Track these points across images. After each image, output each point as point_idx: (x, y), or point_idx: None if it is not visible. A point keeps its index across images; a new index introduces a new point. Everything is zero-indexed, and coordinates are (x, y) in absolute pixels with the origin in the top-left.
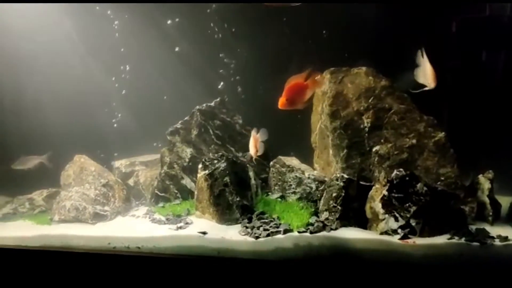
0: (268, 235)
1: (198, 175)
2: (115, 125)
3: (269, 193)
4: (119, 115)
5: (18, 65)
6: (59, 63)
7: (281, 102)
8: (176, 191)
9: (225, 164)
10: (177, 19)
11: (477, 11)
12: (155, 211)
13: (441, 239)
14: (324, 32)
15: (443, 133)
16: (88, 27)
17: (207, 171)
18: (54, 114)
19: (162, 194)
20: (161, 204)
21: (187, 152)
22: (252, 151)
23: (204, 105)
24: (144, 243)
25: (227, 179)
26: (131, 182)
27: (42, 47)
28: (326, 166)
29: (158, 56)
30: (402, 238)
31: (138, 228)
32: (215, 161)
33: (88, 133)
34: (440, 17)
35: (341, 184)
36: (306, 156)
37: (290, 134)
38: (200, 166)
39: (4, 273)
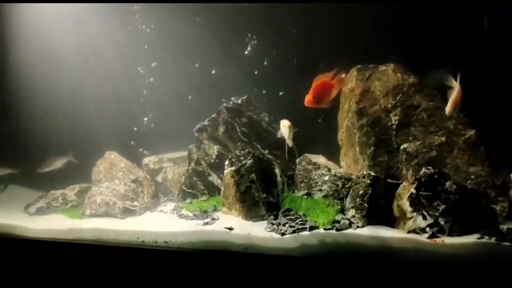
0: (294, 231)
1: (225, 172)
2: (144, 122)
3: (295, 190)
4: (148, 116)
5: (52, 64)
6: (91, 62)
7: (308, 100)
8: (203, 188)
9: (251, 161)
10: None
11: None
12: (182, 207)
13: (470, 239)
14: (350, 29)
15: (474, 131)
16: (117, 25)
17: (233, 168)
18: (85, 112)
19: (190, 190)
20: (188, 200)
21: (214, 149)
22: (289, 142)
23: (231, 102)
24: (172, 238)
25: (253, 175)
26: (159, 178)
27: (75, 45)
28: (353, 164)
29: (185, 54)
30: (430, 237)
31: (166, 223)
32: (242, 158)
33: (119, 130)
34: (469, 13)
35: (368, 181)
36: (333, 154)
37: (316, 132)
38: (226, 162)
39: (37, 264)
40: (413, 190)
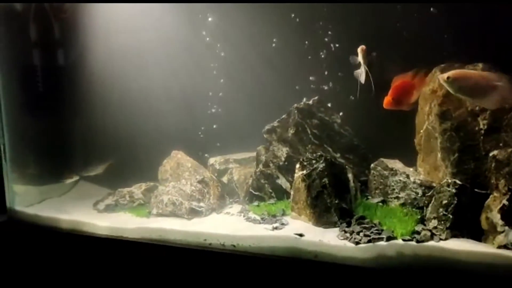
0: (369, 241)
1: (295, 175)
2: (214, 126)
3: (369, 197)
4: (213, 109)
5: (125, 63)
6: (161, 60)
7: (387, 101)
8: (270, 191)
9: (323, 164)
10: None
11: None
12: (249, 210)
13: None
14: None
15: None
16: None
17: (304, 171)
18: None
19: (257, 193)
20: (256, 203)
21: (283, 151)
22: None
23: (302, 103)
24: (240, 241)
25: (325, 180)
26: (224, 179)
27: (146, 44)
28: (433, 171)
29: (254, 56)
30: None
31: (233, 226)
32: (314, 161)
33: (186, 130)
34: None
35: (453, 190)
36: (410, 159)
37: (392, 135)
38: (297, 166)
39: (104, 262)
40: (505, 202)
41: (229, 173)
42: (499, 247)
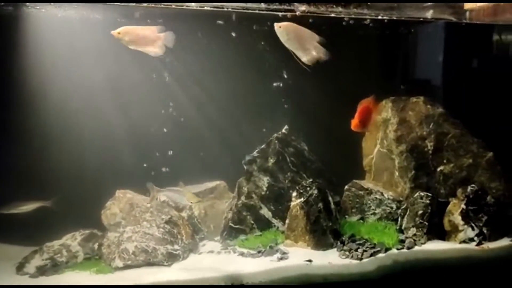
0: (371, 255)
1: (292, 203)
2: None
3: (346, 216)
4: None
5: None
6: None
7: (355, 124)
8: (252, 222)
9: (316, 191)
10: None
11: None
12: (234, 245)
13: (505, 242)
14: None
15: (491, 152)
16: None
17: (302, 199)
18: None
19: (237, 226)
20: (243, 237)
21: (264, 180)
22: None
23: (280, 133)
24: (249, 279)
25: (320, 205)
26: (184, 216)
27: None
28: (388, 187)
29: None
30: (478, 244)
31: (233, 264)
32: (308, 189)
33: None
34: None
35: (427, 201)
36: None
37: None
38: (294, 194)
39: None
40: (463, 206)
41: (188, 208)
42: (461, 242)
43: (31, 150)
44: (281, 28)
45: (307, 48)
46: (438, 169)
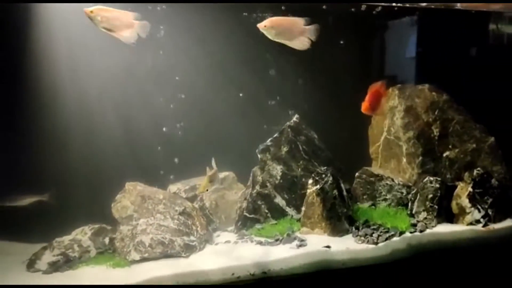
0: (386, 239)
1: (308, 191)
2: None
3: (358, 203)
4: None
5: None
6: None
7: (365, 107)
8: (267, 211)
9: (331, 178)
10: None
11: None
12: (250, 234)
13: (509, 222)
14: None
15: (493, 137)
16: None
17: (318, 186)
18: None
19: (252, 216)
20: (259, 226)
21: (278, 169)
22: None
23: (292, 121)
24: (270, 267)
25: (335, 192)
26: (197, 207)
27: None
28: (395, 173)
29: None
30: (484, 226)
31: (253, 253)
32: (323, 176)
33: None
34: None
35: (437, 186)
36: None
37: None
38: (310, 181)
39: None
40: (470, 189)
41: (199, 199)
42: (468, 224)
43: (36, 145)
44: (266, 27)
45: (296, 35)
46: (444, 155)
